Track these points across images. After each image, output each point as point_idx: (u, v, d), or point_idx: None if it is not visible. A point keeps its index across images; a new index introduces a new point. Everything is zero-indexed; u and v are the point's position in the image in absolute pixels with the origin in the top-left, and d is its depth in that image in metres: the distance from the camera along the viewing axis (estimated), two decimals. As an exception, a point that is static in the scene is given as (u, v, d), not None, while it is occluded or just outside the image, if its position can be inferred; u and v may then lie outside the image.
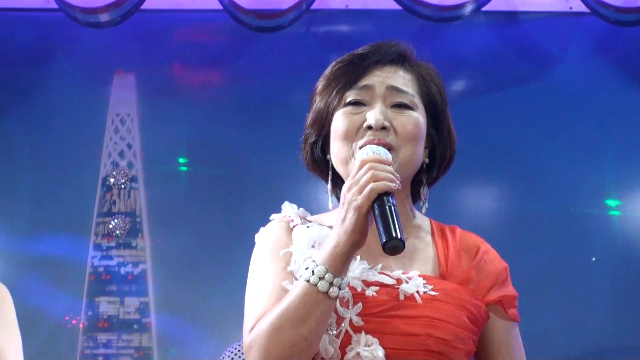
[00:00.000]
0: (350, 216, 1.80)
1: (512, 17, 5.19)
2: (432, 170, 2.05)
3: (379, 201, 1.79)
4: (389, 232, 1.76)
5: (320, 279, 1.79)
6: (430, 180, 2.06)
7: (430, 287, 1.91)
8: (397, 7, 4.88)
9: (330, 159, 2.02)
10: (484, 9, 4.92)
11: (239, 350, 3.93)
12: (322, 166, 2.04)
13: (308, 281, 1.79)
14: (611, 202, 5.06)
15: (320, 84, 2.04)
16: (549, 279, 4.91)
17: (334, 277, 1.79)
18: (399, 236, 1.76)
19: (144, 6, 4.85)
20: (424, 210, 2.05)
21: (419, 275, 1.92)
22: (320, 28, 5.12)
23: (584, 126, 5.08)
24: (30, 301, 4.71)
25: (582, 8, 4.98)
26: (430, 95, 2.04)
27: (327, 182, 2.05)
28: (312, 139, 2.04)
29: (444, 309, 1.89)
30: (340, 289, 1.80)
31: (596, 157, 5.05)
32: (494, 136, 5.06)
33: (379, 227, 1.78)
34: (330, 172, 2.02)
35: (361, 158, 1.86)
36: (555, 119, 5.07)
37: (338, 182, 2.04)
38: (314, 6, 4.90)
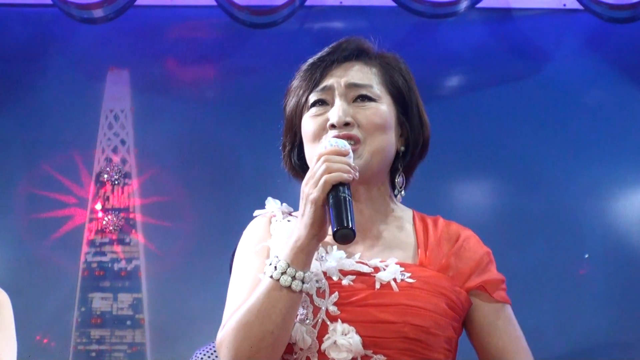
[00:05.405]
0: (308, 210, 1.83)
1: (506, 14, 5.20)
2: (407, 157, 2.05)
3: (334, 192, 1.82)
4: (340, 221, 1.79)
5: (282, 273, 1.82)
6: (407, 168, 2.07)
7: (407, 274, 1.92)
8: (391, 3, 4.89)
9: (308, 163, 2.03)
10: (478, 5, 4.93)
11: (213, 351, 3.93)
12: (302, 172, 2.06)
13: (271, 277, 1.82)
14: (604, 199, 5.07)
15: (287, 92, 2.07)
16: (542, 275, 4.92)
17: (296, 271, 1.82)
18: (350, 225, 1.79)
19: (138, 2, 4.85)
20: (399, 197, 2.06)
21: (397, 263, 1.94)
22: (314, 24, 5.12)
23: (578, 123, 5.09)
24: (24, 297, 4.70)
25: (576, 5, 4.99)
26: (394, 84, 2.04)
27: None
28: (288, 147, 2.07)
29: (421, 296, 1.90)
30: (304, 283, 1.83)
31: (589, 153, 5.06)
32: (488, 132, 5.06)
33: (331, 216, 1.81)
34: None
35: (318, 152, 1.88)
36: (549, 115, 5.08)
37: None
38: (308, 2, 4.91)
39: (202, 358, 3.90)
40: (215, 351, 3.90)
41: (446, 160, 4.82)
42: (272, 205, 2.07)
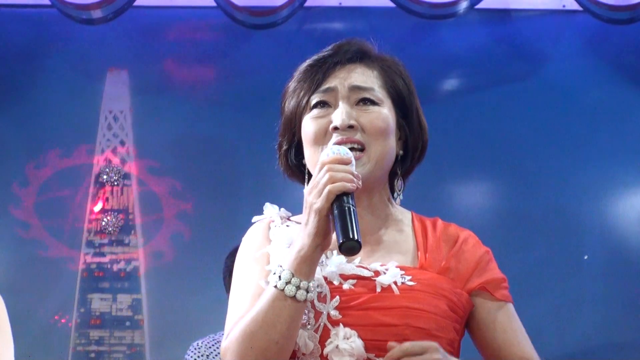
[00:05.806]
0: (312, 219, 1.83)
1: (505, 15, 5.20)
2: (406, 161, 2.05)
3: (337, 202, 1.82)
4: (345, 233, 1.79)
5: (287, 283, 1.82)
6: (405, 171, 2.07)
7: (408, 277, 1.92)
8: (390, 4, 4.89)
9: (306, 164, 2.03)
10: (477, 6, 4.93)
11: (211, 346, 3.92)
12: (298, 172, 2.05)
13: (275, 286, 1.82)
14: (603, 200, 5.07)
15: (286, 92, 2.05)
16: (541, 276, 4.92)
17: (301, 281, 1.82)
18: (356, 237, 1.79)
19: (136, 3, 4.85)
20: (398, 201, 2.06)
21: (397, 267, 1.94)
22: (313, 25, 5.12)
23: (577, 123, 5.09)
24: (23, 298, 4.70)
25: (575, 6, 4.99)
26: (395, 87, 2.03)
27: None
28: (285, 147, 2.06)
29: (422, 298, 1.90)
30: (308, 292, 1.82)
31: (588, 154, 5.06)
32: (487, 133, 5.06)
33: (336, 228, 1.81)
34: (306, 177, 2.03)
35: (321, 160, 1.88)
36: (548, 116, 5.08)
37: None
38: (308, 3, 4.91)
39: (201, 347, 3.89)
40: (215, 343, 3.89)
41: (446, 162, 4.81)
42: (271, 210, 2.06)
